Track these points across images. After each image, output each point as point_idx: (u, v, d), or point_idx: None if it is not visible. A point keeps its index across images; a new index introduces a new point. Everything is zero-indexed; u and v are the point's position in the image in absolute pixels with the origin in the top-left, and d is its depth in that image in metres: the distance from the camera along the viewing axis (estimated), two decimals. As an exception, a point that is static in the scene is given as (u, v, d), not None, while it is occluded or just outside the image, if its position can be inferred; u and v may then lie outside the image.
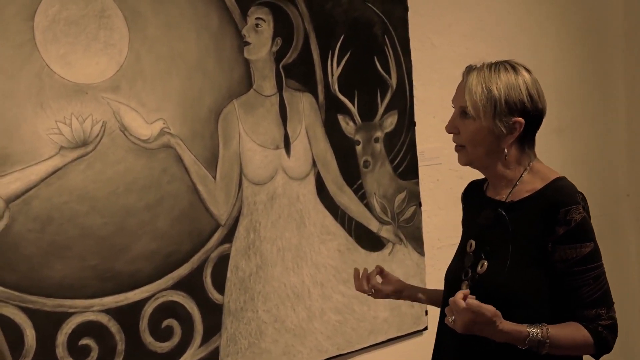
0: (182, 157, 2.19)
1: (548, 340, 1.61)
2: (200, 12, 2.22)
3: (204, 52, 2.23)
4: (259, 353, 2.37)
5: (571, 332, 1.66)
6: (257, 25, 2.34)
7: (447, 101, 2.92)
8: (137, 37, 2.10)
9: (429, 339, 2.85)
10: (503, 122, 1.71)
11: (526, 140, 1.78)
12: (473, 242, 1.83)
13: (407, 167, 2.75)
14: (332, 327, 2.55)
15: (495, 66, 1.75)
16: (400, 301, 2.71)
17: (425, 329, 2.83)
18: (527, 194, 1.76)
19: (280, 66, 2.40)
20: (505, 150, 1.75)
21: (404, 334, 2.75)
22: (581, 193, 1.71)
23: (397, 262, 2.71)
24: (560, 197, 1.69)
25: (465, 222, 1.99)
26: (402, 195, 2.74)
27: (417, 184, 2.80)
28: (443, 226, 2.91)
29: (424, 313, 2.81)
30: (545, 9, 3.32)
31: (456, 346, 1.79)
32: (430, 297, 2.12)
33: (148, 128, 2.13)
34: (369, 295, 2.08)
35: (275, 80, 2.39)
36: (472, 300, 1.57)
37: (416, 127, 2.80)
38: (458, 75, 2.93)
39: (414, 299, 2.13)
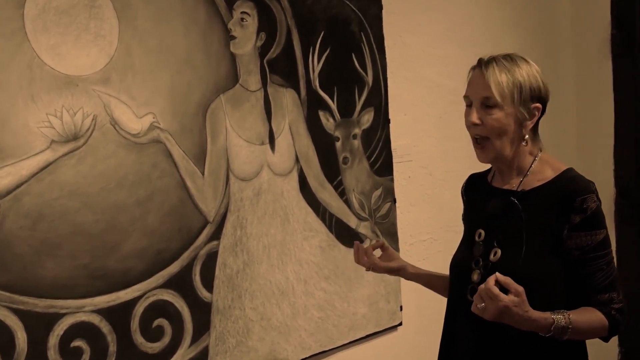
0: (172, 152, 2.14)
1: (570, 326, 1.66)
2: (189, 5, 2.18)
3: (193, 46, 2.19)
4: (247, 351, 2.34)
5: (589, 316, 1.72)
6: (242, 19, 2.32)
7: (417, 99, 2.98)
8: (127, 29, 2.04)
9: (404, 334, 2.89)
10: (526, 108, 1.79)
11: (536, 127, 1.85)
12: (482, 232, 1.86)
13: (382, 164, 2.77)
14: (315, 324, 2.54)
15: (510, 57, 1.82)
16: (378, 297, 2.74)
17: (400, 324, 2.85)
18: (538, 183, 1.81)
19: (265, 61, 2.38)
20: (527, 136, 1.81)
21: (381, 329, 2.77)
22: (593, 183, 1.77)
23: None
24: (576, 186, 1.75)
25: (468, 214, 2.02)
26: (378, 192, 2.75)
27: (392, 180, 2.82)
28: (415, 222, 2.95)
29: (399, 309, 2.83)
30: (504, 13, 3.40)
31: (474, 336, 1.81)
32: (428, 281, 2.15)
33: (138, 122, 2.07)
34: (367, 270, 2.11)
35: (260, 75, 2.37)
36: (502, 276, 1.60)
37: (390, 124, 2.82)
38: (427, 74, 3.01)
39: (411, 278, 2.17)
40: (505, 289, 1.61)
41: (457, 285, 1.88)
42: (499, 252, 1.79)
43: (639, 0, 3.48)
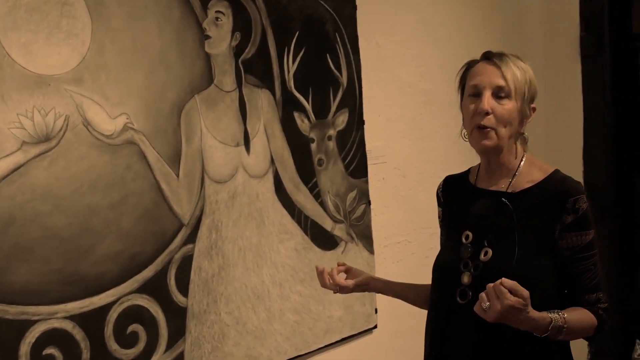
0: (146, 153, 2.09)
1: (566, 326, 1.67)
2: (163, 3, 2.13)
3: (167, 46, 2.14)
4: (222, 357, 2.29)
5: (581, 316, 1.74)
6: (217, 18, 2.28)
7: (391, 100, 2.97)
8: (101, 27, 1.99)
9: (379, 337, 2.87)
10: (528, 107, 1.83)
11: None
12: (470, 233, 1.84)
13: (357, 166, 2.75)
14: (291, 328, 2.50)
15: (516, 56, 1.84)
16: (354, 299, 2.71)
17: (375, 327, 2.83)
18: (528, 185, 1.82)
19: (240, 61, 2.34)
20: (525, 133, 1.85)
21: (356, 332, 2.74)
22: (581, 183, 1.80)
23: (350, 260, 2.69)
24: (568, 187, 1.78)
25: (449, 217, 2.00)
26: (353, 194, 2.73)
27: (367, 182, 2.80)
28: (389, 224, 2.93)
29: (374, 311, 2.81)
30: (476, 14, 3.41)
31: (470, 338, 1.79)
32: (398, 291, 2.12)
33: (111, 123, 2.02)
34: (335, 293, 2.07)
35: (234, 76, 2.33)
36: (508, 280, 1.58)
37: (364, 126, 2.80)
38: (401, 75, 2.99)
39: (380, 291, 2.13)
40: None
41: (445, 288, 1.85)
42: (490, 252, 1.78)
43: (607, 3, 3.52)
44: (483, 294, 1.59)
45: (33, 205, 1.86)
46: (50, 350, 1.90)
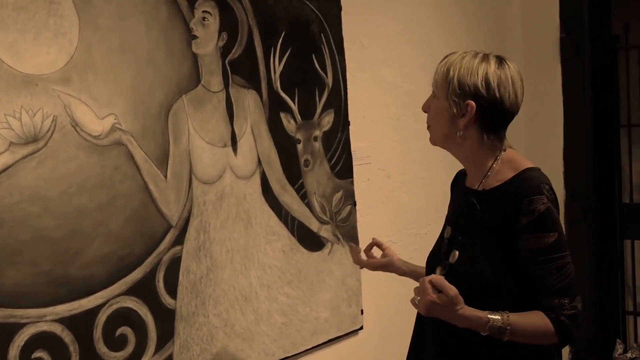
0: (134, 154, 2.07)
1: (509, 327, 1.63)
2: (150, 2, 2.11)
3: (154, 45, 2.13)
4: (211, 359, 2.28)
5: (533, 320, 1.67)
6: (204, 18, 2.26)
7: (375, 101, 2.97)
8: (88, 27, 1.97)
9: (365, 338, 2.87)
10: (455, 103, 1.76)
11: (486, 127, 1.79)
12: (450, 229, 1.88)
13: (342, 166, 2.75)
14: (278, 330, 2.50)
15: (467, 53, 1.81)
16: (340, 301, 2.71)
17: (361, 328, 2.83)
18: (497, 184, 1.78)
19: (226, 62, 2.33)
20: (459, 132, 1.79)
21: (343, 333, 2.74)
22: (548, 184, 1.73)
23: (336, 261, 2.70)
24: (525, 187, 1.71)
25: (448, 210, 2.02)
26: (339, 195, 2.73)
27: (352, 183, 2.80)
28: (374, 225, 2.93)
29: (360, 312, 2.81)
30: (458, 16, 3.43)
31: (433, 335, 1.82)
32: (418, 273, 2.11)
33: (99, 123, 2.00)
34: (360, 268, 2.25)
35: (221, 76, 2.32)
36: (437, 277, 1.63)
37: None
38: (385, 75, 3.00)
39: (401, 273, 2.17)
40: (461, 288, 1.64)
41: None
42: (457, 253, 1.80)
43: (586, 5, 3.56)
44: (415, 288, 1.64)
45: (21, 206, 1.83)
46: (39, 354, 1.87)
